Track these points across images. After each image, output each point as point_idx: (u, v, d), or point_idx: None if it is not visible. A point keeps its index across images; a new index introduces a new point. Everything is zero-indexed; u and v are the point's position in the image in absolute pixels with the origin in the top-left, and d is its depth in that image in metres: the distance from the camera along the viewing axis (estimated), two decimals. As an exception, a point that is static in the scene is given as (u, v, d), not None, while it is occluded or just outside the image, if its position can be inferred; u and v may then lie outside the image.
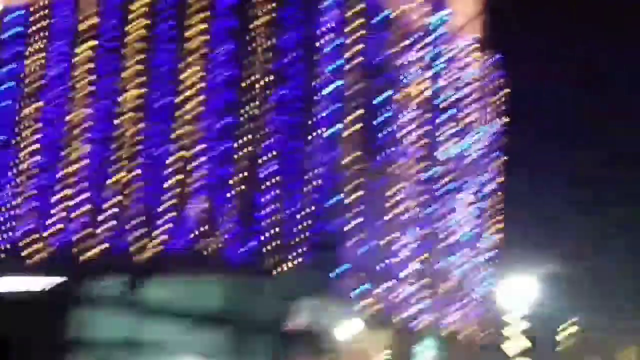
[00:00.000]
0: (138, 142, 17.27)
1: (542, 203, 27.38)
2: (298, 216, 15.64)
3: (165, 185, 16.76)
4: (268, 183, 15.77)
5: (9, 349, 12.50)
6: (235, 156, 16.20)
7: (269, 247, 15.77)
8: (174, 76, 17.08)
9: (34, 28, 19.61)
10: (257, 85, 16.27)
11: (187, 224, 16.46)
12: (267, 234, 15.71)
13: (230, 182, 16.19)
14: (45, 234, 17.83)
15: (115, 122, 17.57)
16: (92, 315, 16.45)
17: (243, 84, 16.45)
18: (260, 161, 16.01)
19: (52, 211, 17.84)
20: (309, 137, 15.76)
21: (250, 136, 16.29)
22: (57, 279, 16.89)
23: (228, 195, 16.24)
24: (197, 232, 16.33)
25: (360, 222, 16.00)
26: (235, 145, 16.36)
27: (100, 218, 17.23)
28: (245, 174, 16.20)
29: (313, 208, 15.67)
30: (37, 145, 18.80)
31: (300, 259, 15.68)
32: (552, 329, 30.89)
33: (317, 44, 16.13)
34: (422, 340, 20.20)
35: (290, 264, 15.64)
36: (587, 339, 36.13)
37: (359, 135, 16.35)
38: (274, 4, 16.56)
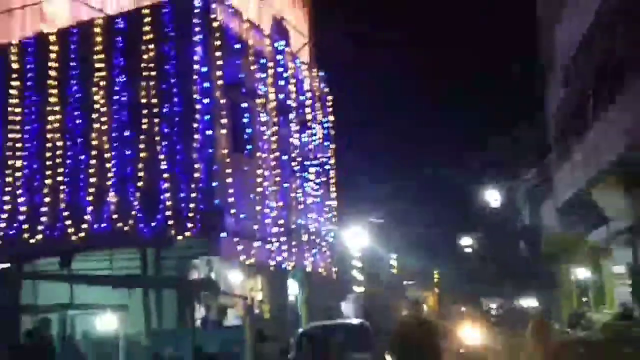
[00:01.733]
0: (63, 154, 17.39)
1: (364, 175, 29.30)
2: (189, 198, 15.99)
3: (88, 182, 16.97)
4: (165, 175, 16.23)
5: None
6: (140, 157, 16.55)
7: (169, 223, 16.05)
8: (87, 102, 17.29)
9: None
10: (149, 104, 16.72)
11: (107, 211, 16.69)
12: (167, 213, 16.05)
13: (137, 176, 16.54)
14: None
15: (48, 139, 17.65)
16: (34, 286, 16.37)
17: (139, 104, 16.83)
18: (158, 159, 16.38)
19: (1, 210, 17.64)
20: (192, 140, 16.14)
21: (147, 142, 16.60)
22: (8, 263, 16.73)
23: (136, 186, 16.55)
24: (114, 216, 16.54)
25: (235, 198, 16.57)
26: (138, 149, 16.66)
27: (39, 212, 17.29)
28: (148, 170, 16.52)
29: (199, 191, 16.05)
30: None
31: (192, 230, 15.94)
32: (378, 263, 31.89)
33: (192, 70, 16.39)
34: (290, 278, 21.03)
35: (186, 234, 15.96)
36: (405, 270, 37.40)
37: (229, 135, 17.02)
38: (155, 45, 16.81)
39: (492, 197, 33.98)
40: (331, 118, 23.22)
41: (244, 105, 17.76)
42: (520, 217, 32.17)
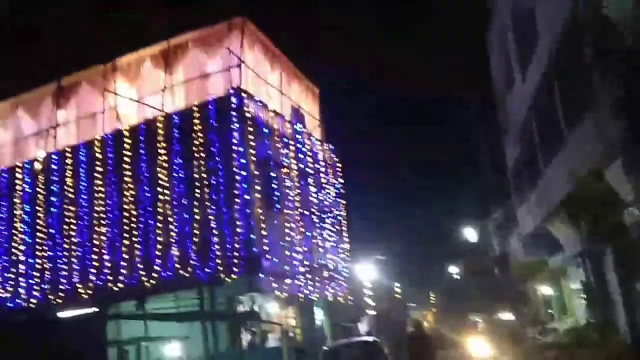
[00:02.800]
0: (137, 220, 17.20)
1: (370, 223, 29.24)
2: (234, 248, 15.92)
3: (156, 240, 16.87)
4: (215, 231, 16.13)
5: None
6: (195, 218, 16.46)
7: (219, 268, 15.91)
8: (153, 179, 17.31)
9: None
10: (200, 178, 16.73)
11: (171, 262, 16.60)
12: (217, 261, 15.92)
13: (194, 233, 16.48)
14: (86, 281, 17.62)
15: (125, 209, 17.57)
16: (117, 325, 16.14)
17: (193, 178, 16.85)
18: (209, 219, 16.31)
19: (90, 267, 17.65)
20: (234, 203, 16.11)
21: (200, 207, 16.51)
22: (96, 308, 15.88)
23: (193, 241, 16.49)
24: (177, 265, 16.45)
25: (270, 246, 16.43)
26: (194, 212, 16.59)
27: (120, 265, 17.23)
28: (201, 228, 16.45)
29: (242, 242, 15.95)
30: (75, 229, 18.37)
31: (237, 273, 15.78)
32: (385, 291, 31.60)
33: (232, 150, 16.41)
34: (315, 306, 20.41)
35: (232, 276, 15.80)
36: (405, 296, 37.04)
37: (262, 198, 16.87)
38: (204, 133, 16.91)
39: (469, 233, 33.74)
40: (340, 180, 23.26)
41: (273, 174, 17.77)
42: (492, 248, 31.90)
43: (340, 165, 23.48)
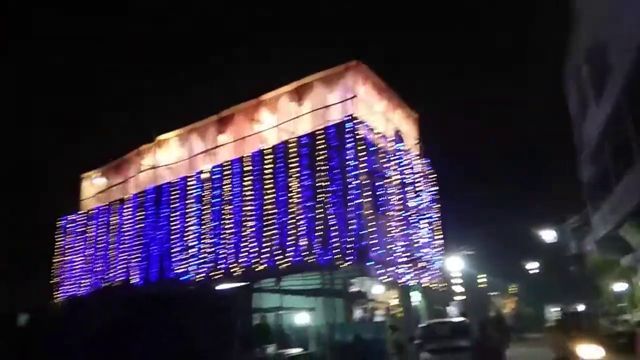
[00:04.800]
0: (275, 217, 17.64)
1: (459, 221, 28.21)
2: (348, 241, 15.89)
3: (287, 233, 17.01)
4: (333, 227, 16.26)
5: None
6: (317, 217, 16.56)
7: (337, 256, 15.94)
8: (286, 186, 17.60)
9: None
10: (322, 186, 16.88)
11: (299, 250, 16.76)
12: (335, 251, 15.97)
13: (317, 229, 16.56)
14: (238, 262, 17.95)
15: (265, 209, 17.83)
16: (259, 296, 16.32)
17: (316, 186, 17.02)
18: (329, 218, 16.41)
19: (240, 251, 18.10)
20: (348, 206, 16.11)
21: (322, 208, 16.64)
22: (245, 283, 16.74)
23: (316, 235, 16.54)
24: (304, 253, 16.62)
25: (376, 240, 16.32)
26: (316, 212, 16.72)
27: (262, 252, 17.51)
28: (323, 225, 16.54)
29: (354, 237, 15.93)
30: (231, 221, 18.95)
31: (351, 260, 15.74)
32: (472, 280, 30.42)
33: (347, 164, 16.54)
34: (413, 290, 19.85)
35: (347, 263, 15.78)
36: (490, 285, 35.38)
37: (370, 202, 16.75)
38: (325, 150, 17.10)
39: (548, 235, 31.56)
40: (435, 188, 22.63)
41: (378, 183, 17.80)
42: (569, 248, 29.72)
43: (434, 175, 22.83)
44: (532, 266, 38.72)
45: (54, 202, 26.21)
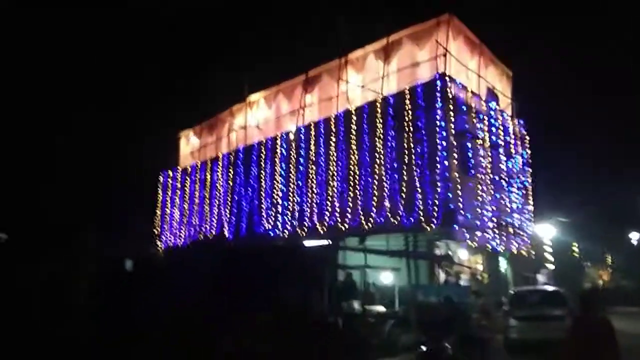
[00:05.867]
0: (360, 178, 17.45)
1: (551, 189, 26.37)
2: (434, 204, 15.71)
3: (373, 195, 16.84)
4: (419, 190, 16.11)
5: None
6: (403, 179, 16.35)
7: (422, 219, 15.82)
8: (373, 147, 17.37)
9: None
10: (409, 147, 16.64)
11: (384, 212, 16.77)
12: (420, 213, 15.86)
13: (402, 190, 16.46)
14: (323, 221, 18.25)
15: (350, 171, 17.69)
16: (344, 254, 16.73)
17: (403, 147, 16.76)
18: (415, 180, 16.28)
19: (325, 210, 18.23)
20: (436, 168, 15.89)
21: (408, 170, 16.52)
22: (330, 241, 17.10)
23: (401, 196, 16.43)
24: (389, 214, 16.65)
25: (463, 204, 15.95)
26: (402, 174, 16.59)
27: (347, 212, 17.63)
28: (408, 187, 16.38)
29: (440, 199, 15.69)
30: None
31: (436, 223, 15.59)
32: (564, 249, 28.84)
33: (436, 124, 16.12)
34: (500, 256, 19.39)
35: (432, 226, 15.61)
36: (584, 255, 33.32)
37: (459, 164, 16.23)
38: (413, 110, 16.72)
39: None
40: (528, 151, 21.48)
41: (469, 144, 17.18)
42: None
43: (528, 137, 21.56)
44: (634, 236, 35.82)
45: (155, 158, 28.11)
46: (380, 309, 14.64)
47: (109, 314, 10.12)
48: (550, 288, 15.73)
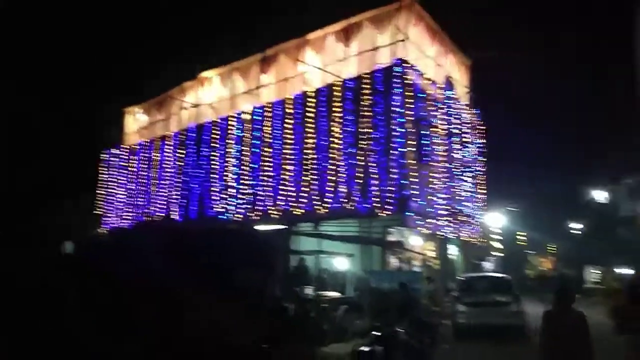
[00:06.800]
0: (315, 162, 17.35)
1: (501, 177, 27.26)
2: (388, 190, 15.72)
3: (327, 179, 16.90)
4: (374, 175, 16.03)
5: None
6: (359, 164, 16.36)
7: (376, 205, 15.85)
8: (329, 131, 17.21)
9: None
10: (365, 132, 16.54)
11: (339, 197, 16.69)
12: (375, 199, 15.86)
13: (357, 176, 16.35)
14: (276, 205, 18.04)
15: (306, 155, 17.54)
16: (297, 239, 16.93)
17: (359, 132, 16.69)
18: (370, 165, 16.18)
19: (278, 194, 18.09)
20: (391, 154, 15.86)
21: (364, 155, 16.37)
22: (283, 226, 17.06)
23: (356, 182, 16.36)
24: (343, 200, 16.55)
25: (417, 191, 16.05)
26: (358, 159, 16.43)
27: (300, 197, 17.44)
28: (364, 172, 16.31)
29: (395, 186, 15.71)
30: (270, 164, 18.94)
31: (390, 209, 15.65)
32: (511, 237, 30.00)
33: (392, 110, 16.09)
34: (451, 244, 19.76)
35: (386, 212, 15.69)
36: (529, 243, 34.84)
37: (414, 151, 16.38)
38: (371, 95, 16.57)
39: (597, 194, 30.45)
40: (482, 141, 21.93)
41: (424, 132, 17.32)
42: (620, 210, 28.62)
43: (483, 127, 22.03)
44: (576, 226, 37.80)
45: (98, 135, 26.83)
46: (334, 294, 14.71)
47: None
48: (497, 275, 16.33)
